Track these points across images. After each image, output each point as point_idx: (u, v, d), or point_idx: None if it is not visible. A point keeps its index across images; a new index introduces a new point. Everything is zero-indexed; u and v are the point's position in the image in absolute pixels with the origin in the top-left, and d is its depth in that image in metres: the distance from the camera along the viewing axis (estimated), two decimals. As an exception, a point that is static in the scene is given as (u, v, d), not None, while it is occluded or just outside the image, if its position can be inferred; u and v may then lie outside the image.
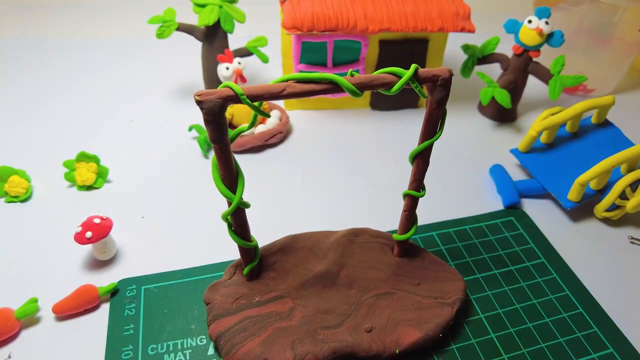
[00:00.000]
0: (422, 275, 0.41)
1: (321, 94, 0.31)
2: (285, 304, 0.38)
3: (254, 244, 0.38)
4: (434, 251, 0.46)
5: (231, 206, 0.33)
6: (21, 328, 0.38)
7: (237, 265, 0.41)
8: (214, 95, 0.29)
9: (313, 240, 0.43)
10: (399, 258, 0.43)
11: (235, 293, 0.38)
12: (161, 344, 0.37)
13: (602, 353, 0.38)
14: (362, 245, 0.43)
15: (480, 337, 0.39)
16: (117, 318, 0.39)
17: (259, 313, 0.37)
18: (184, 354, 0.37)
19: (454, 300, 0.39)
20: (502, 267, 0.45)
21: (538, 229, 0.49)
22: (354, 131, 0.63)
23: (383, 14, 0.56)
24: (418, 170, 0.38)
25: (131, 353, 0.36)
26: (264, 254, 0.41)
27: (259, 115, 0.31)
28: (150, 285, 0.41)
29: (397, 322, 0.38)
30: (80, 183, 0.51)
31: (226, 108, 0.30)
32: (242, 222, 0.36)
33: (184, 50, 0.73)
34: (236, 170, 0.33)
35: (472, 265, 0.45)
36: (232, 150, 0.56)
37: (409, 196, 0.39)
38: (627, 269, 0.46)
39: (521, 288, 0.43)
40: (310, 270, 0.41)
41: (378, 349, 0.36)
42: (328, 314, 0.38)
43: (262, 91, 0.30)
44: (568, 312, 0.41)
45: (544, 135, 0.55)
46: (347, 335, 0.36)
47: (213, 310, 0.37)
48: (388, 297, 0.39)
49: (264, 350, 0.35)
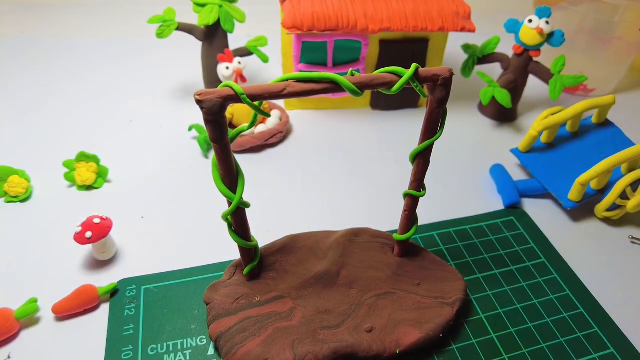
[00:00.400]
0: (423, 275, 0.41)
1: (321, 93, 0.31)
2: (285, 304, 0.38)
3: (254, 244, 0.38)
4: (435, 251, 0.46)
5: (231, 206, 0.33)
6: (21, 328, 0.38)
7: (237, 265, 0.41)
8: (214, 95, 0.29)
9: (313, 240, 0.43)
10: (399, 258, 0.43)
11: (235, 293, 0.38)
12: (161, 344, 0.37)
13: (603, 353, 0.38)
14: (362, 245, 0.43)
15: (480, 337, 0.39)
16: (117, 318, 0.39)
17: (259, 313, 0.37)
18: (184, 354, 0.37)
19: (454, 300, 0.39)
20: (502, 267, 0.45)
21: (539, 229, 0.49)
22: (354, 131, 0.63)
23: (383, 14, 0.56)
24: (418, 170, 0.38)
25: (131, 353, 0.36)
26: (264, 254, 0.41)
27: (260, 114, 0.31)
28: (150, 285, 0.41)
29: (397, 322, 0.37)
30: (80, 183, 0.51)
31: (226, 108, 0.30)
32: (242, 222, 0.36)
33: (184, 50, 0.73)
34: (236, 170, 0.33)
35: (473, 265, 0.45)
36: (232, 150, 0.56)
37: (410, 196, 0.39)
38: (628, 269, 0.46)
39: (522, 288, 0.43)
40: (310, 270, 0.41)
41: (378, 349, 0.36)
42: (328, 314, 0.38)
43: (262, 91, 0.30)
44: (569, 312, 0.41)
45: (544, 135, 0.55)
46: (347, 336, 0.36)
47: (213, 310, 0.37)
48: (388, 297, 0.39)
49: (264, 351, 0.35)
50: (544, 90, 0.71)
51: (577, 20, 0.69)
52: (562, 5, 0.70)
